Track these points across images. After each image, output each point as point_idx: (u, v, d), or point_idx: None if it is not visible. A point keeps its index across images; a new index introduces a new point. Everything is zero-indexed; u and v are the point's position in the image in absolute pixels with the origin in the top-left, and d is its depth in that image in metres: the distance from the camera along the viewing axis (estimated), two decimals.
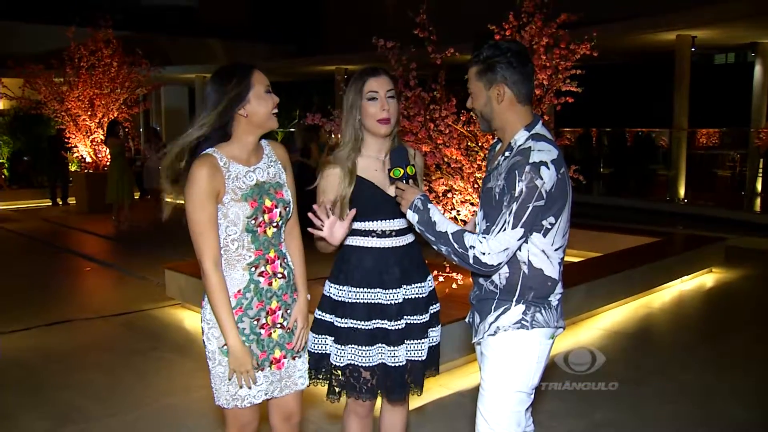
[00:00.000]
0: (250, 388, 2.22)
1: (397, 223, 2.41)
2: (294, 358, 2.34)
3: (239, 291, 2.19)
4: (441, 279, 5.34)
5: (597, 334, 5.16)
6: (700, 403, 3.91)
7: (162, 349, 4.82)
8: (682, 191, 12.38)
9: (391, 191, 2.36)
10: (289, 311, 2.32)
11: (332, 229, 2.25)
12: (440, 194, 5.39)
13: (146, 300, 6.05)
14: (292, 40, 21.94)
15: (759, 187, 12.78)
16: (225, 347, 2.19)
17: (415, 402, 3.74)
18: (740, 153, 14.10)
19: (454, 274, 5.28)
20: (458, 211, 5.40)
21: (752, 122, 13.08)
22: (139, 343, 4.98)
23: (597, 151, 16.90)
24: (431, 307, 2.51)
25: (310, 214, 2.28)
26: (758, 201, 12.48)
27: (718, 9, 10.67)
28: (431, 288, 2.53)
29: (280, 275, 2.27)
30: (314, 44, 21.29)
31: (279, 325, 2.28)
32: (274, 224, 2.24)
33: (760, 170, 12.92)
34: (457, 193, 5.35)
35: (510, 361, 2.14)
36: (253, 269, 2.21)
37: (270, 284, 2.25)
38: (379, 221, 2.39)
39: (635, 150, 16.73)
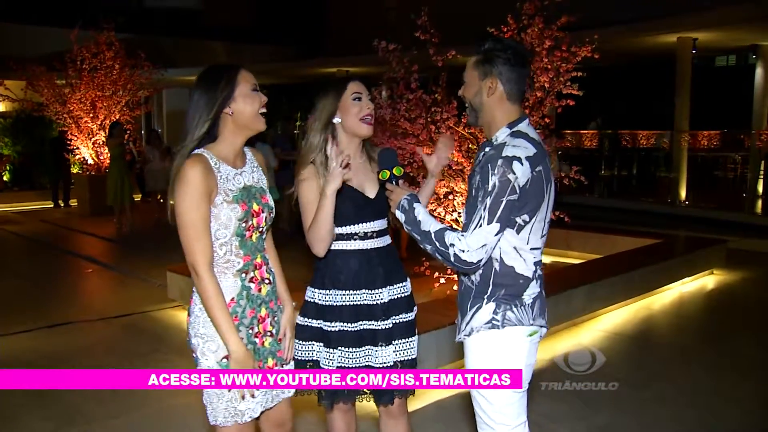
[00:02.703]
0: (253, 396, 2.15)
1: (378, 225, 2.45)
2: (282, 366, 2.31)
3: (232, 299, 2.13)
4: (443, 281, 5.36)
5: (598, 335, 5.16)
6: (701, 405, 3.91)
7: (164, 351, 4.83)
8: (683, 193, 12.38)
9: (370, 193, 2.42)
10: (276, 319, 2.28)
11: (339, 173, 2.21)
12: (441, 196, 5.41)
13: (148, 302, 6.07)
14: (294, 42, 21.95)
15: (760, 189, 12.77)
16: (224, 360, 2.11)
17: (415, 403, 3.75)
18: (741, 155, 14.11)
19: (455, 276, 5.29)
20: (459, 212, 5.41)
21: (753, 124, 13.08)
22: (141, 345, 4.99)
23: (598, 153, 16.92)
24: (414, 306, 2.56)
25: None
26: (759, 203, 12.48)
27: (719, 12, 10.68)
28: (410, 288, 2.56)
29: (267, 281, 2.24)
30: (316, 47, 21.32)
31: (269, 333, 2.24)
32: (260, 229, 2.20)
33: (761, 172, 12.92)
34: (458, 195, 5.36)
35: (487, 362, 2.15)
36: (243, 275, 2.16)
37: (259, 290, 2.21)
38: (361, 224, 2.41)
39: (636, 152, 16.76)
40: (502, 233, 2.04)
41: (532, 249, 2.12)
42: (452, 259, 2.03)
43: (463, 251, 2.00)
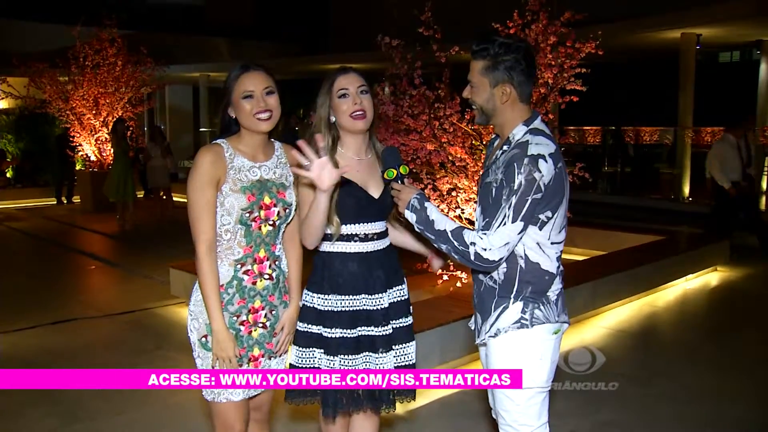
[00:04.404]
0: None
1: (379, 226, 2.38)
2: (270, 358, 2.33)
3: (222, 285, 2.21)
4: (446, 277, 5.35)
5: (601, 332, 5.15)
6: (705, 403, 3.90)
7: (167, 348, 4.83)
8: (686, 189, 12.35)
9: (374, 192, 2.34)
10: (274, 312, 2.31)
11: (321, 172, 2.08)
12: (445, 192, 5.39)
13: (151, 299, 6.06)
14: (297, 38, 21.92)
15: (764, 185, 12.72)
16: (204, 339, 2.22)
17: (419, 400, 3.75)
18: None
19: (459, 273, 5.28)
20: (462, 209, 5.39)
21: (757, 121, 13.02)
22: (144, 342, 4.99)
23: (601, 150, 16.87)
24: (410, 308, 2.50)
25: (294, 152, 2.19)
26: (763, 199, 12.43)
27: (723, 7, 10.63)
28: (407, 290, 2.49)
29: (267, 276, 2.27)
30: (319, 43, 21.29)
31: (261, 325, 2.28)
32: (271, 222, 2.24)
33: (765, 169, 12.86)
34: (461, 191, 5.35)
35: (515, 362, 2.14)
36: (238, 266, 2.23)
37: (254, 283, 2.25)
38: (361, 224, 2.33)
39: (640, 148, 16.72)
40: (525, 231, 2.03)
41: (553, 244, 2.12)
42: (472, 257, 2.02)
43: (485, 249, 2.00)
